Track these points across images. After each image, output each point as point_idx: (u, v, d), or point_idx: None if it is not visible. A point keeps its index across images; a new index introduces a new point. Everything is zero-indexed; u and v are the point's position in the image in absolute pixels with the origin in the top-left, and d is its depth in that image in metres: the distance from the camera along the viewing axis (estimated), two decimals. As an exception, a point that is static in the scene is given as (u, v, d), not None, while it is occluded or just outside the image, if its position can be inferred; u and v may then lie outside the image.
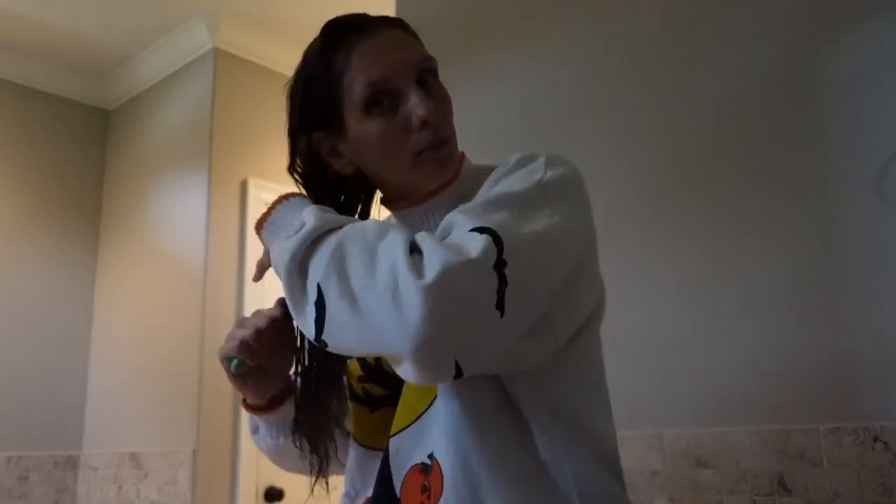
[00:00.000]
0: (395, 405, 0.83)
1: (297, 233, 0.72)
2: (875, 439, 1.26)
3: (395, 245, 0.66)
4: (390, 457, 0.81)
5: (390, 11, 2.26)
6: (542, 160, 0.79)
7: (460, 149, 0.91)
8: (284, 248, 0.72)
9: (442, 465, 0.74)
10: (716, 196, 1.54)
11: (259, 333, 0.84)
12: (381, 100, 0.81)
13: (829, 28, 1.44)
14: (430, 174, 0.84)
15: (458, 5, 2.15)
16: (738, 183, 1.51)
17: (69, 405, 3.26)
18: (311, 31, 0.89)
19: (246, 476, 2.81)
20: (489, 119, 1.96)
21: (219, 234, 2.98)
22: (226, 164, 3.06)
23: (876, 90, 1.36)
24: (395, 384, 0.84)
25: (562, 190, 0.78)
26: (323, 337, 0.69)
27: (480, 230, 0.67)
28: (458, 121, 0.88)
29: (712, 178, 1.55)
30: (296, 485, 2.90)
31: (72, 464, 3.21)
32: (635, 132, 1.69)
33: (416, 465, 0.78)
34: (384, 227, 0.70)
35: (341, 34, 0.84)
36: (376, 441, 0.86)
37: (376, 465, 0.85)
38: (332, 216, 0.74)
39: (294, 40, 0.91)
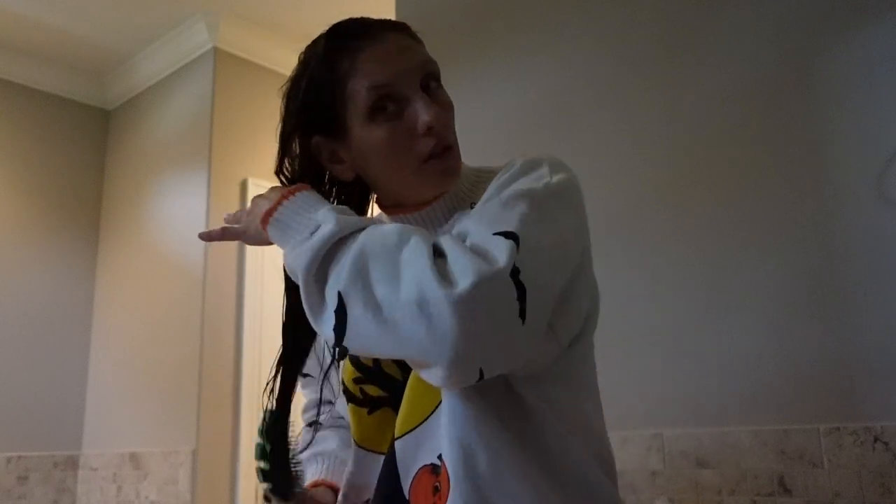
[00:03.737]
0: (395, 406, 0.83)
1: (312, 234, 0.71)
2: (875, 439, 1.26)
3: (418, 252, 0.65)
4: (397, 459, 0.80)
5: (390, 13, 2.26)
6: (546, 166, 0.79)
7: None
8: (302, 252, 0.71)
9: (448, 464, 0.74)
10: (715, 196, 1.54)
11: None
12: (386, 105, 0.80)
13: (829, 28, 1.44)
14: (434, 183, 0.83)
15: (458, 6, 2.15)
16: (737, 183, 1.51)
17: (69, 405, 3.26)
18: (311, 31, 0.89)
19: (246, 476, 2.81)
20: (488, 120, 1.96)
21: (219, 234, 2.97)
22: (225, 164, 3.06)
23: (876, 90, 1.36)
24: (393, 385, 0.83)
25: (566, 195, 0.78)
26: (343, 343, 0.69)
27: (505, 235, 0.67)
28: (457, 122, 0.88)
29: (712, 178, 1.55)
30: (296, 485, 2.90)
31: (71, 464, 3.21)
32: (635, 132, 1.69)
33: (425, 466, 0.78)
34: (406, 231, 0.69)
35: (346, 38, 0.83)
36: (375, 443, 0.86)
37: (376, 468, 0.84)
38: (351, 218, 0.73)
39: (294, 40, 0.90)
